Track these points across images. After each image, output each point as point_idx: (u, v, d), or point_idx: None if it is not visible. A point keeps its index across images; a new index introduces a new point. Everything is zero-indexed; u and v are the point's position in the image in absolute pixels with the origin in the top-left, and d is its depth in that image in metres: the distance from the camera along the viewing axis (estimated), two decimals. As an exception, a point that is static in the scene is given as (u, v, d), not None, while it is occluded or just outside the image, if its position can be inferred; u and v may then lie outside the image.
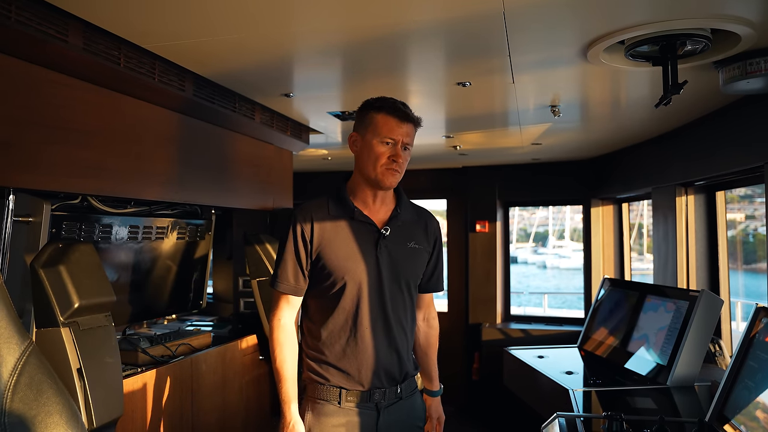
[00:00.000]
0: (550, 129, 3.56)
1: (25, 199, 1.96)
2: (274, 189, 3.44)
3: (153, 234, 2.81)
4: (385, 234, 1.84)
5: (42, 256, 1.85)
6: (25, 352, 1.52)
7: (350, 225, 1.84)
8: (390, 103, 1.82)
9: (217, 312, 3.92)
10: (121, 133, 2.22)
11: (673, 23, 1.79)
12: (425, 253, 1.94)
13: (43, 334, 1.81)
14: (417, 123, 1.85)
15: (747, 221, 11.05)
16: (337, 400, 1.81)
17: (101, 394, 1.84)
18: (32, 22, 1.64)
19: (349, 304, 1.81)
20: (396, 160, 1.79)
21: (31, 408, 1.49)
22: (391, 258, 1.84)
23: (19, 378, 1.49)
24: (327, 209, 1.85)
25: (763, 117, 2.55)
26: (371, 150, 1.81)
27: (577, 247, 26.01)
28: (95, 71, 1.97)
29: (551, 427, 2.24)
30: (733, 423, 1.97)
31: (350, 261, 1.80)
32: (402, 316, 1.88)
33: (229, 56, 2.16)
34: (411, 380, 1.93)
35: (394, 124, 1.79)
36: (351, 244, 1.82)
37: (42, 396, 1.51)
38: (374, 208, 1.88)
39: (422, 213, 2.00)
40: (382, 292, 1.82)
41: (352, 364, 1.81)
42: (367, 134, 1.83)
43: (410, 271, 1.89)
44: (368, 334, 1.81)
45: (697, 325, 2.79)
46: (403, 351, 1.88)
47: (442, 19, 1.78)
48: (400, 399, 1.87)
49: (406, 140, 1.81)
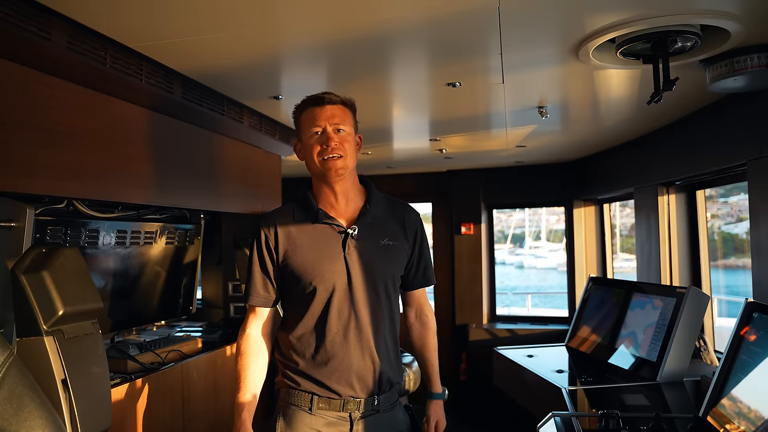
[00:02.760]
0: (535, 131, 3.53)
1: (6, 204, 1.85)
2: (263, 193, 3.35)
3: (141, 239, 2.69)
4: (353, 233, 1.73)
5: (24, 261, 1.72)
6: (5, 363, 1.40)
7: (315, 228, 1.75)
8: (307, 98, 1.78)
9: (206, 317, 3.82)
10: (107, 135, 2.11)
11: (664, 19, 1.74)
12: (403, 248, 1.82)
13: (25, 343, 1.68)
14: (341, 102, 1.76)
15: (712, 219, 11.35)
16: (308, 406, 1.71)
17: (88, 405, 1.72)
18: (12, 18, 1.53)
19: (318, 309, 1.71)
20: (328, 144, 1.69)
21: (11, 423, 1.37)
22: (362, 258, 1.73)
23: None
24: (292, 215, 1.77)
25: (746, 115, 2.54)
26: (307, 147, 1.74)
27: (553, 247, 26.32)
28: (80, 71, 1.87)
29: (547, 426, 2.18)
30: (725, 415, 1.94)
31: (317, 265, 1.71)
32: (379, 320, 1.75)
33: (216, 57, 2.08)
34: (392, 391, 1.79)
35: (314, 112, 1.73)
36: (317, 248, 1.72)
37: (23, 410, 1.39)
38: (339, 208, 1.78)
39: (398, 206, 1.88)
40: (353, 296, 1.71)
41: (322, 372, 1.70)
42: (302, 136, 1.77)
43: (385, 271, 1.76)
44: (338, 339, 1.70)
45: (685, 321, 2.76)
46: (382, 356, 1.74)
47: (435, 16, 1.71)
48: (377, 411, 1.73)
49: (334, 121, 1.72)
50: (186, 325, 3.55)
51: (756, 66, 2.00)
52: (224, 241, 3.54)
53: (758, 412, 1.80)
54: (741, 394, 1.92)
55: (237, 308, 3.46)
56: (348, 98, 1.79)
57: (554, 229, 27.62)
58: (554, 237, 27.48)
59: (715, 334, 3.34)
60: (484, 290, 5.35)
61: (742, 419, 1.85)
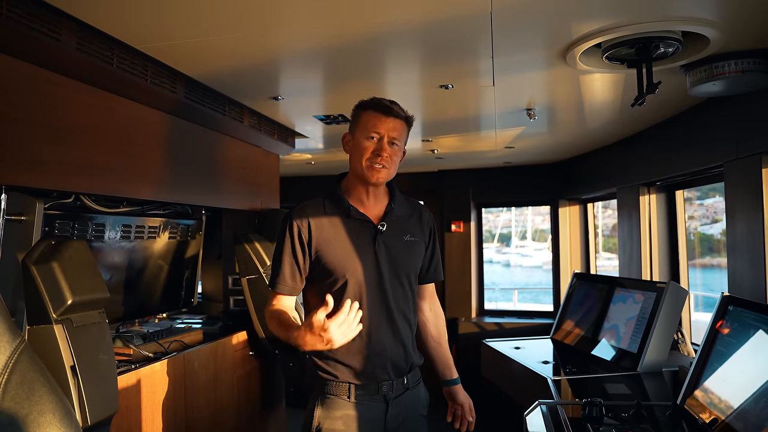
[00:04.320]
0: (523, 133, 3.55)
1: (18, 198, 1.85)
2: (262, 190, 3.36)
3: (145, 233, 2.69)
4: (382, 230, 1.77)
5: (34, 252, 1.72)
6: (17, 350, 1.40)
7: (347, 223, 1.76)
8: (376, 101, 1.76)
9: (206, 311, 3.80)
10: (113, 133, 2.12)
11: (647, 26, 1.77)
12: (422, 244, 1.89)
13: (36, 331, 1.69)
14: (405, 119, 1.78)
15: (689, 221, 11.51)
16: (347, 395, 1.73)
17: (96, 391, 1.72)
18: (24, 20, 1.54)
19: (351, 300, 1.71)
20: (380, 154, 1.71)
21: (22, 407, 1.37)
22: (389, 253, 1.77)
23: (10, 376, 1.38)
24: (323, 208, 1.78)
25: (722, 119, 2.57)
26: (358, 146, 1.75)
27: (538, 246, 26.38)
28: (88, 71, 1.88)
29: (534, 414, 2.20)
30: (702, 403, 1.96)
31: (350, 258, 1.73)
32: (405, 309, 1.81)
33: (218, 59, 2.08)
34: (416, 370, 1.87)
35: (378, 119, 1.72)
36: (349, 242, 1.75)
37: (34, 395, 1.40)
38: (369, 204, 1.81)
39: (415, 206, 1.94)
40: (383, 287, 1.75)
41: (359, 360, 1.73)
42: (356, 132, 1.77)
43: (409, 264, 1.83)
44: (374, 328, 1.74)
45: (665, 314, 2.79)
46: (408, 342, 1.82)
47: (428, 20, 1.73)
48: (407, 389, 1.81)
49: (392, 134, 1.73)
50: (187, 318, 3.54)
51: (733, 72, 2.03)
52: (224, 237, 3.54)
53: (729, 400, 1.83)
54: (715, 383, 1.95)
55: (236, 301, 3.46)
56: (411, 116, 1.81)
57: (539, 228, 27.68)
58: (539, 236, 27.55)
59: (692, 327, 3.39)
60: (473, 285, 5.37)
61: (714, 409, 1.89)
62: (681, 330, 3.15)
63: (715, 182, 3.03)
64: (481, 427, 4.57)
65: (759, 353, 1.81)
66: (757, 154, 2.29)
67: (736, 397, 1.80)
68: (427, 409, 1.93)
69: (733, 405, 1.80)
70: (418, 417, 1.87)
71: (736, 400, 1.79)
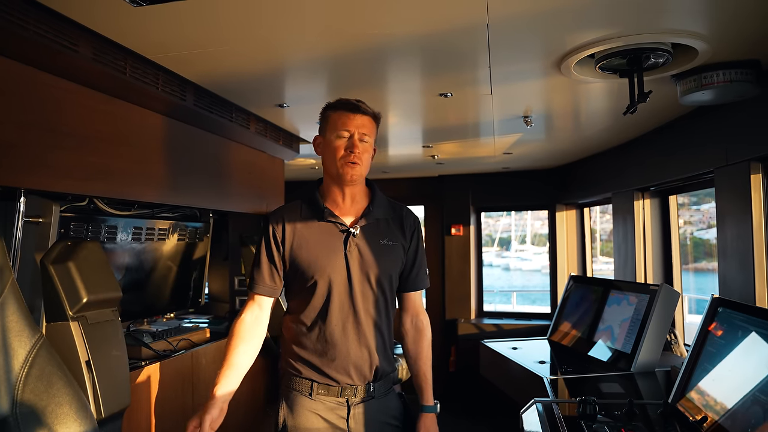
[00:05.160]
0: (521, 139, 3.58)
1: (35, 201, 1.89)
2: (267, 194, 3.39)
3: (155, 235, 2.73)
4: (354, 233, 1.75)
5: (51, 253, 1.77)
6: (36, 345, 1.45)
7: (320, 225, 1.77)
8: (343, 101, 1.78)
9: (213, 311, 3.84)
10: (125, 139, 2.16)
11: (638, 37, 1.80)
12: (400, 248, 1.83)
13: (53, 328, 1.73)
14: (372, 115, 1.78)
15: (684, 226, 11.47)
16: (308, 392, 1.73)
17: (109, 385, 1.77)
18: (48, 34, 1.59)
19: (319, 302, 1.73)
20: (353, 151, 1.71)
21: (41, 399, 1.42)
22: (362, 256, 1.75)
23: (30, 370, 1.43)
24: (299, 211, 1.79)
25: (712, 126, 2.60)
26: (330, 146, 1.75)
27: (537, 250, 26.36)
28: (103, 80, 1.91)
29: (530, 412, 2.23)
30: (692, 402, 1.99)
31: (320, 260, 1.73)
32: (375, 314, 1.76)
33: (226, 68, 2.11)
34: (386, 379, 1.81)
35: (347, 117, 1.74)
36: (321, 244, 1.75)
37: (52, 387, 1.44)
38: (345, 207, 1.80)
39: (398, 209, 1.89)
40: (351, 290, 1.73)
41: (322, 361, 1.73)
42: (327, 132, 1.78)
43: (382, 269, 1.77)
44: (337, 330, 1.73)
45: (658, 315, 2.82)
46: (377, 348, 1.76)
47: (428, 32, 1.76)
48: (372, 398, 1.76)
49: (362, 131, 1.74)
50: (194, 317, 3.58)
51: (721, 81, 2.07)
52: (231, 239, 3.57)
53: (719, 400, 1.86)
54: (705, 383, 1.98)
55: (242, 301, 3.48)
56: (377, 112, 1.81)
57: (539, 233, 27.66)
58: (539, 241, 27.53)
59: (686, 329, 3.41)
60: (472, 287, 5.39)
61: (704, 407, 1.91)
62: (674, 331, 3.18)
63: (706, 188, 3.07)
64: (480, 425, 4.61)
65: (747, 353, 1.84)
66: (745, 161, 2.32)
67: (726, 396, 1.83)
68: (399, 419, 1.85)
69: (722, 403, 1.82)
70: (386, 426, 1.80)
71: (726, 399, 1.82)
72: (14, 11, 1.47)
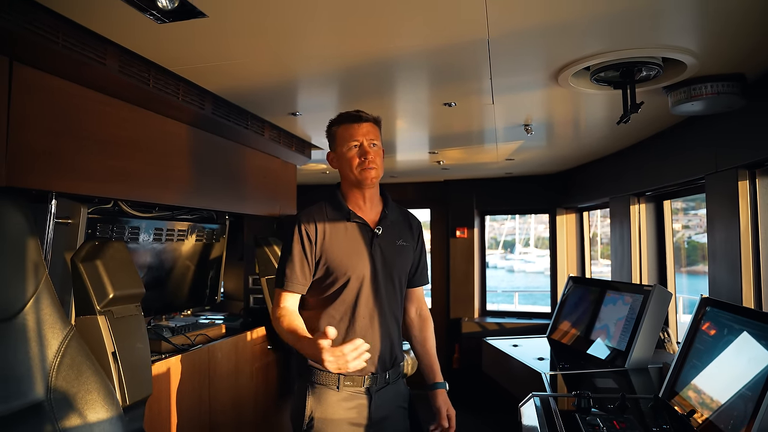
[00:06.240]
0: (522, 146, 3.61)
1: (65, 203, 1.96)
2: (280, 198, 3.45)
3: (174, 236, 2.81)
4: (378, 233, 1.84)
5: (81, 252, 1.85)
6: (67, 336, 1.53)
7: (347, 226, 1.83)
8: (344, 114, 1.85)
9: (228, 308, 3.91)
10: (148, 146, 2.22)
11: (630, 52, 1.85)
12: (411, 249, 1.94)
13: (82, 321, 1.80)
14: (374, 120, 1.85)
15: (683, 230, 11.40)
16: (336, 385, 1.77)
17: (133, 374, 1.84)
18: (77, 48, 1.65)
19: (350, 297, 1.79)
20: (366, 157, 1.78)
21: (72, 386, 1.49)
22: (384, 255, 1.83)
23: (63, 359, 1.50)
24: (325, 213, 1.84)
25: (703, 135, 2.63)
26: (344, 158, 1.82)
27: (540, 253, 26.22)
28: (128, 91, 1.98)
29: (527, 405, 2.27)
30: (681, 396, 2.02)
31: (350, 258, 1.79)
32: (394, 307, 1.87)
33: (242, 79, 2.17)
34: (398, 366, 1.90)
35: (352, 128, 1.81)
36: (349, 243, 1.81)
37: (82, 376, 1.51)
38: (365, 209, 1.87)
39: (405, 213, 2.01)
40: (377, 286, 1.81)
41: None
42: (337, 147, 1.85)
43: (400, 266, 1.88)
44: (365, 324, 1.79)
45: (651, 314, 2.85)
46: (395, 339, 1.87)
47: (433, 45, 1.80)
48: (387, 384, 1.84)
49: (369, 137, 1.81)
50: (210, 314, 3.65)
51: (709, 93, 2.11)
52: (246, 240, 3.63)
53: (706, 393, 1.90)
54: (694, 378, 2.01)
55: (256, 299, 3.56)
56: (377, 116, 1.88)
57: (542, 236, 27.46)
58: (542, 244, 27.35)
59: (679, 328, 3.43)
60: (476, 288, 5.42)
61: (692, 401, 1.95)
62: (667, 330, 3.20)
63: (697, 193, 3.09)
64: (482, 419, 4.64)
65: (733, 350, 1.88)
66: (734, 168, 2.35)
67: (712, 389, 1.87)
68: (407, 402, 1.95)
69: (710, 396, 1.86)
70: (399, 410, 1.91)
71: (713, 392, 1.86)
72: (46, 26, 1.53)
